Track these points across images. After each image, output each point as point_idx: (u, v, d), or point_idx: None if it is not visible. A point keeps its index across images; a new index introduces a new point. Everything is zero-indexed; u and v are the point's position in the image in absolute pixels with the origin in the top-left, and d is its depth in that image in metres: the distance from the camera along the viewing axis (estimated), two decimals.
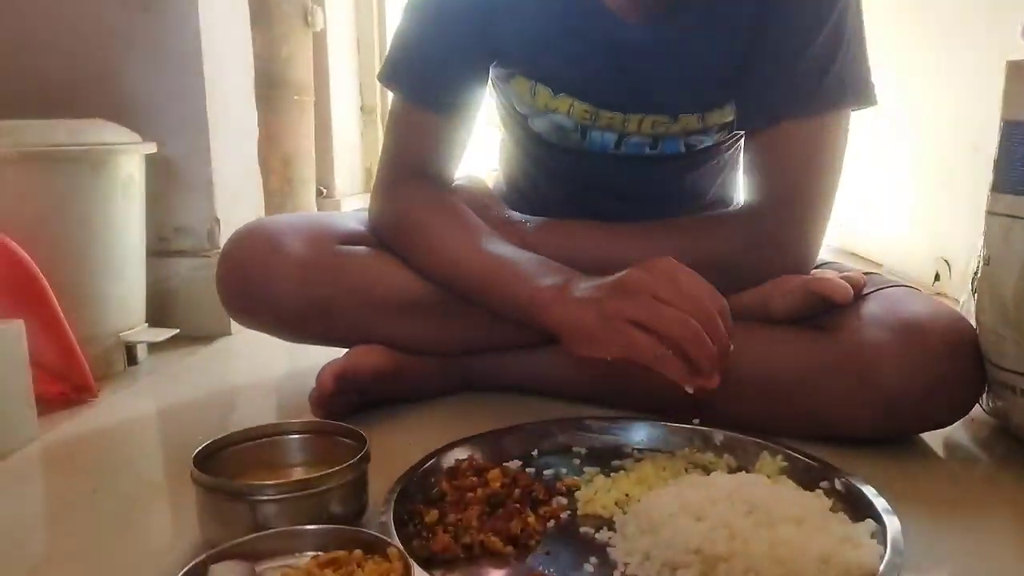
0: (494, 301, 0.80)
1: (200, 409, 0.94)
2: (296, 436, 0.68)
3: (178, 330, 1.11)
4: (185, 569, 0.50)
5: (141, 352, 1.09)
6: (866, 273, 0.90)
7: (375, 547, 0.54)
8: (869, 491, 0.63)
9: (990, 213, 0.70)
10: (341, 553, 0.53)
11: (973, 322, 0.76)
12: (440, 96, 0.88)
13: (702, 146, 0.93)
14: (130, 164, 1.05)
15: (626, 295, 0.67)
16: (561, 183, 0.98)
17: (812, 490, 0.65)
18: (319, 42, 1.79)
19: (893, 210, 1.78)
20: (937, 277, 1.52)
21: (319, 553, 0.54)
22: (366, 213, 0.95)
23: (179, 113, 1.19)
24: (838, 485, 0.66)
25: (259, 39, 1.39)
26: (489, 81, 0.93)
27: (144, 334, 1.07)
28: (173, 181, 1.20)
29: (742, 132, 0.91)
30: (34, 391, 0.82)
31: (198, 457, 0.61)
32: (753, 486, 0.61)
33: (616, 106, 0.88)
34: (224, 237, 1.24)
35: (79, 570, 0.60)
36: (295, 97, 1.56)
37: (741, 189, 0.99)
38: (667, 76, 0.86)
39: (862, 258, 1.92)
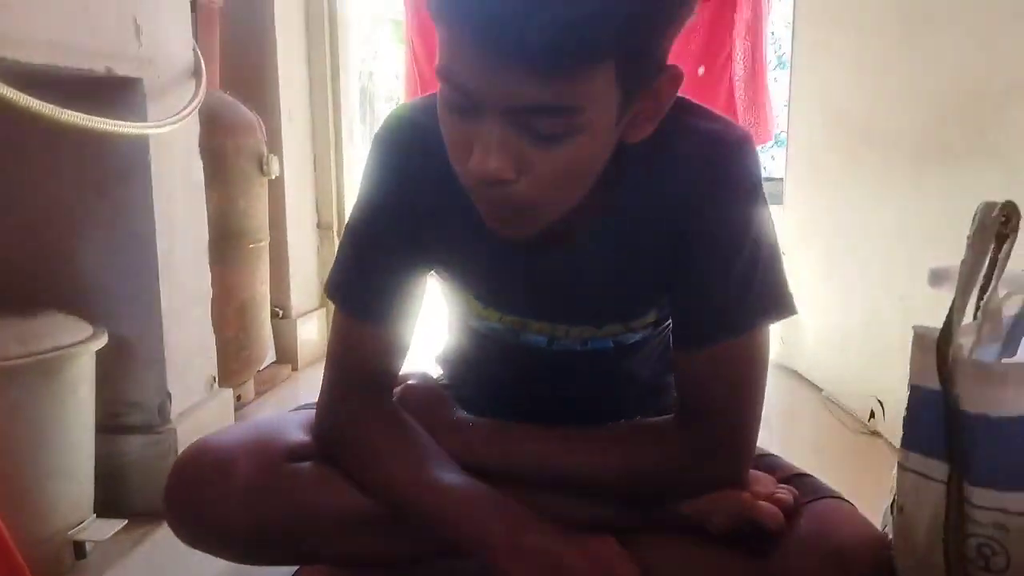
0: (445, 535, 0.83)
1: None
2: None
3: (126, 521, 1.11)
4: None
5: (89, 544, 1.08)
6: (799, 475, 0.95)
7: None
8: None
9: (901, 467, 0.74)
10: None
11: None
12: (380, 309, 0.90)
13: (630, 342, 0.97)
14: (81, 363, 1.06)
15: None
16: (501, 370, 1.01)
17: None
18: (275, 185, 1.82)
19: (833, 341, 1.85)
20: (872, 415, 1.58)
21: None
22: (310, 414, 0.97)
23: (131, 293, 1.20)
24: None
25: (215, 196, 1.41)
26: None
27: (92, 530, 1.07)
28: (124, 360, 1.20)
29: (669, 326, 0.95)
30: None
31: None
32: None
33: (543, 318, 0.92)
34: (175, 408, 1.26)
35: None
36: (250, 246, 1.58)
37: None
38: (585, 298, 0.89)
39: (804, 378, 1.98)
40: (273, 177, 1.66)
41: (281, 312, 2.07)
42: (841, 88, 1.78)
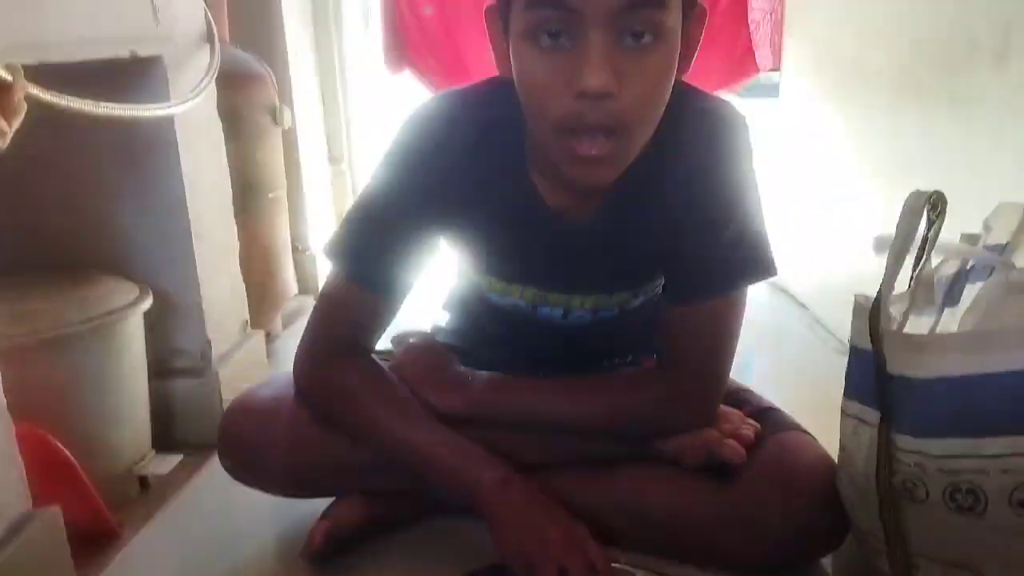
0: (432, 480, 0.96)
1: (213, 543, 1.10)
2: None
3: (182, 456, 1.27)
4: None
5: (152, 477, 1.25)
6: (767, 409, 1.08)
7: None
8: None
9: (843, 412, 0.87)
10: None
11: None
12: (380, 279, 0.97)
13: (633, 306, 1.08)
14: (133, 322, 1.19)
15: (542, 553, 0.86)
16: (510, 337, 1.11)
17: None
18: (288, 130, 1.89)
19: (819, 262, 1.95)
20: None
21: None
22: None
23: (168, 253, 1.32)
24: None
25: (233, 152, 1.50)
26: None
27: (153, 465, 1.23)
28: (167, 311, 1.33)
29: None
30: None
31: None
32: None
33: (562, 290, 1.02)
34: (216, 352, 1.40)
35: None
36: (269, 195, 1.68)
37: None
38: (605, 264, 1.00)
39: (793, 296, 2.09)
40: (286, 127, 1.75)
41: (300, 246, 2.19)
42: (832, 22, 1.83)
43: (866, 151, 1.66)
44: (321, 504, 1.06)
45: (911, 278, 0.86)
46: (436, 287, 1.18)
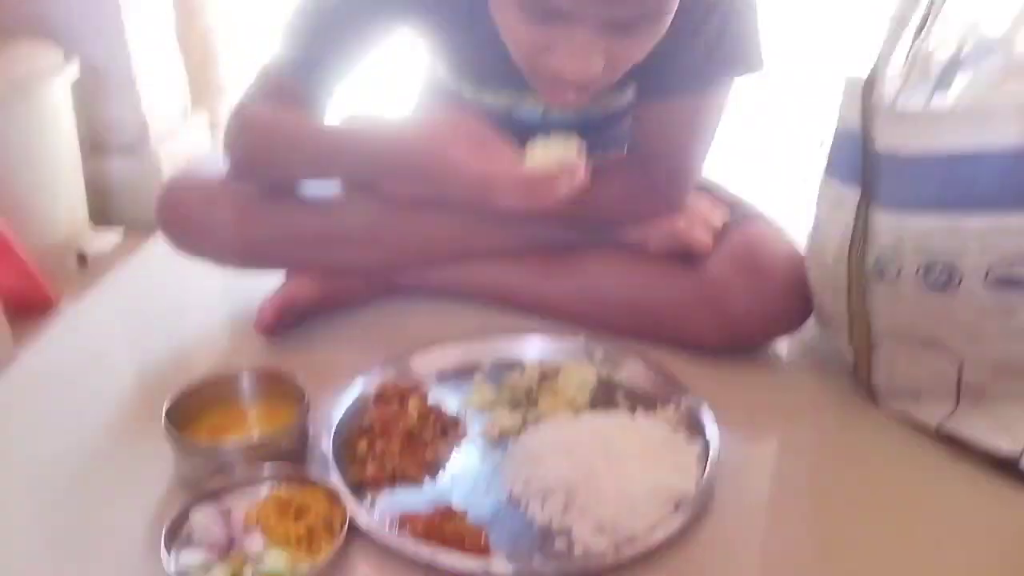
0: (362, 169, 0.88)
1: (157, 317, 1.06)
2: (247, 377, 0.82)
3: (122, 230, 1.21)
4: (171, 517, 0.66)
5: (90, 250, 1.18)
6: (738, 201, 1.04)
7: (317, 480, 0.71)
8: (706, 414, 0.81)
9: (820, 193, 0.83)
10: (291, 494, 0.70)
11: None
12: (323, 80, 0.90)
13: (618, 104, 1.01)
14: (58, 89, 1.09)
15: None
16: None
17: (666, 404, 0.84)
18: None
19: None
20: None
21: (274, 483, 0.71)
22: None
23: (96, 23, 1.21)
24: (682, 406, 0.84)
25: None
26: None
27: (93, 241, 1.17)
28: (98, 85, 1.23)
29: None
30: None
31: (169, 410, 0.75)
32: (612, 427, 0.78)
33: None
34: (153, 132, 1.31)
35: (70, 503, 0.74)
36: None
37: None
38: None
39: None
40: None
41: None
42: None
43: None
44: (271, 282, 1.02)
45: (906, 57, 0.81)
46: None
